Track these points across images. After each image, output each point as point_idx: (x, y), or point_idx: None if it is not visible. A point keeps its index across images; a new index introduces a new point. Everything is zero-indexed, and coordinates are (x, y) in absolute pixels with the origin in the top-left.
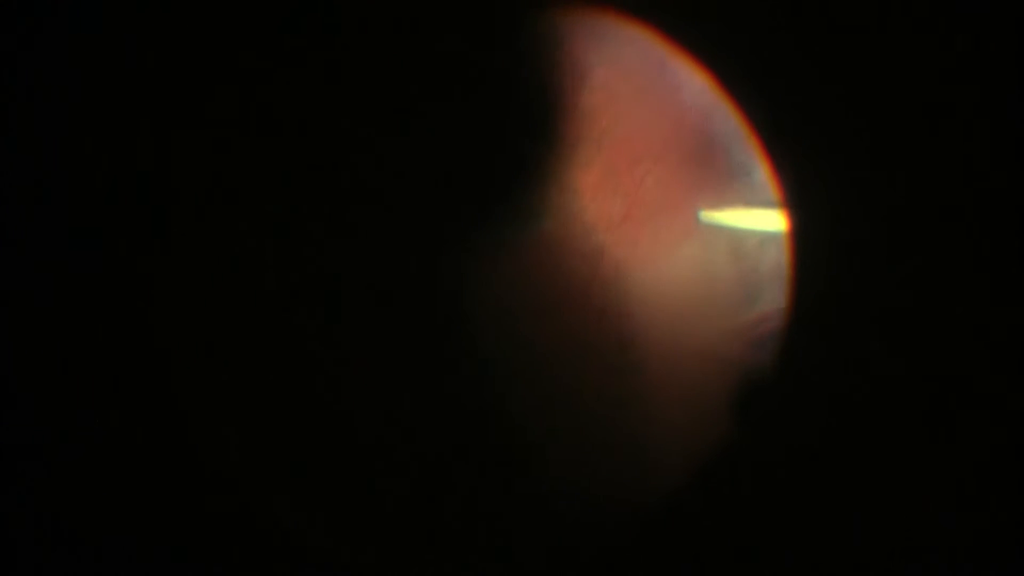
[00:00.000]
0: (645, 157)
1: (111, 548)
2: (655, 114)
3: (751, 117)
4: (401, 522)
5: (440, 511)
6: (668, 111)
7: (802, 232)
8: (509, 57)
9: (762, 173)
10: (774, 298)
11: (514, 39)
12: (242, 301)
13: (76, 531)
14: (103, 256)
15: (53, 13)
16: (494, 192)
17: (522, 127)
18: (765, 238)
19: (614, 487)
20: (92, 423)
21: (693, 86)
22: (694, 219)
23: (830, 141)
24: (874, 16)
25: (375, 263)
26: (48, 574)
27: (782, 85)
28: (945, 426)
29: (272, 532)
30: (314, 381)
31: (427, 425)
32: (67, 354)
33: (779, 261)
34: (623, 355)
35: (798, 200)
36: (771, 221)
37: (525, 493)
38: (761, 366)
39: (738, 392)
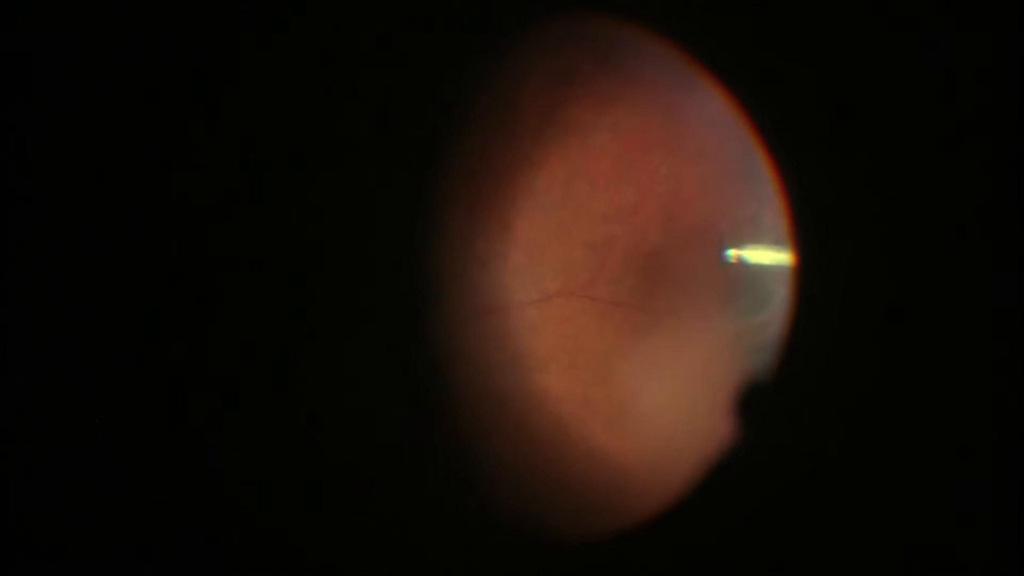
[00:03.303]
0: (659, 148)
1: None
2: (670, 106)
3: (759, 126)
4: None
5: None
6: (683, 108)
7: (806, 236)
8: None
9: (767, 177)
10: (778, 300)
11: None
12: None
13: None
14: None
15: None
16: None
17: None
18: (772, 241)
19: (620, 491)
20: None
21: (706, 94)
22: (705, 214)
23: (831, 143)
24: (890, 58)
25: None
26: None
27: (790, 102)
28: (944, 429)
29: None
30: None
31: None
32: (76, 354)
33: (784, 266)
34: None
35: (802, 204)
36: (778, 225)
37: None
38: (764, 368)
39: (741, 394)
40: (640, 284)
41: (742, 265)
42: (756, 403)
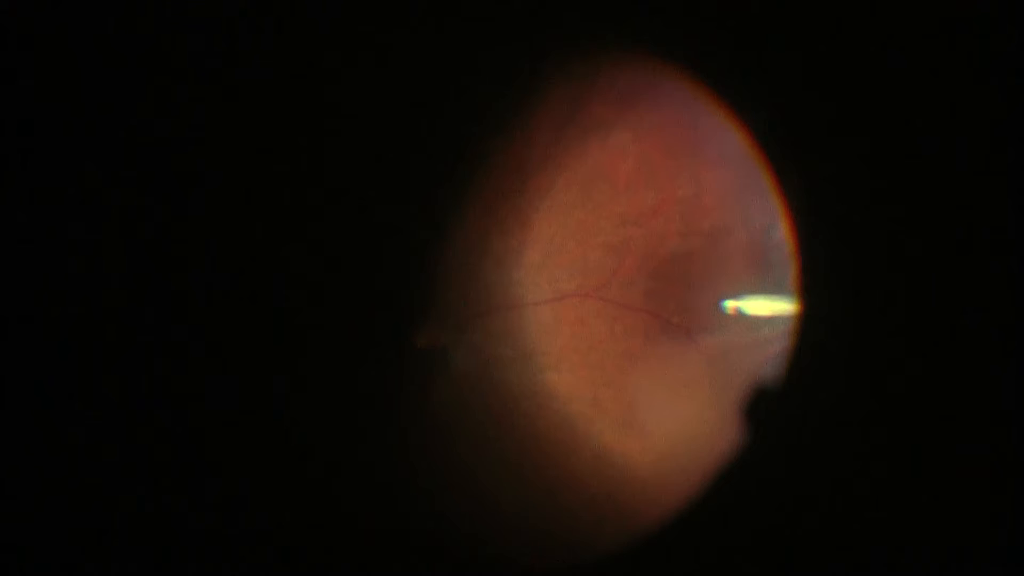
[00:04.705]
0: (682, 151)
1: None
2: (694, 109)
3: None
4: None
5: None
6: (707, 112)
7: (814, 250)
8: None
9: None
10: (790, 309)
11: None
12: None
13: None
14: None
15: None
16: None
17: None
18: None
19: (626, 492)
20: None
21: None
22: (724, 220)
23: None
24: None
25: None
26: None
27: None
28: (951, 439)
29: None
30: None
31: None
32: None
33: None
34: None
35: (806, 205)
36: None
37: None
38: (774, 377)
39: (750, 401)
40: (655, 288)
41: (741, 315)
42: (765, 411)
